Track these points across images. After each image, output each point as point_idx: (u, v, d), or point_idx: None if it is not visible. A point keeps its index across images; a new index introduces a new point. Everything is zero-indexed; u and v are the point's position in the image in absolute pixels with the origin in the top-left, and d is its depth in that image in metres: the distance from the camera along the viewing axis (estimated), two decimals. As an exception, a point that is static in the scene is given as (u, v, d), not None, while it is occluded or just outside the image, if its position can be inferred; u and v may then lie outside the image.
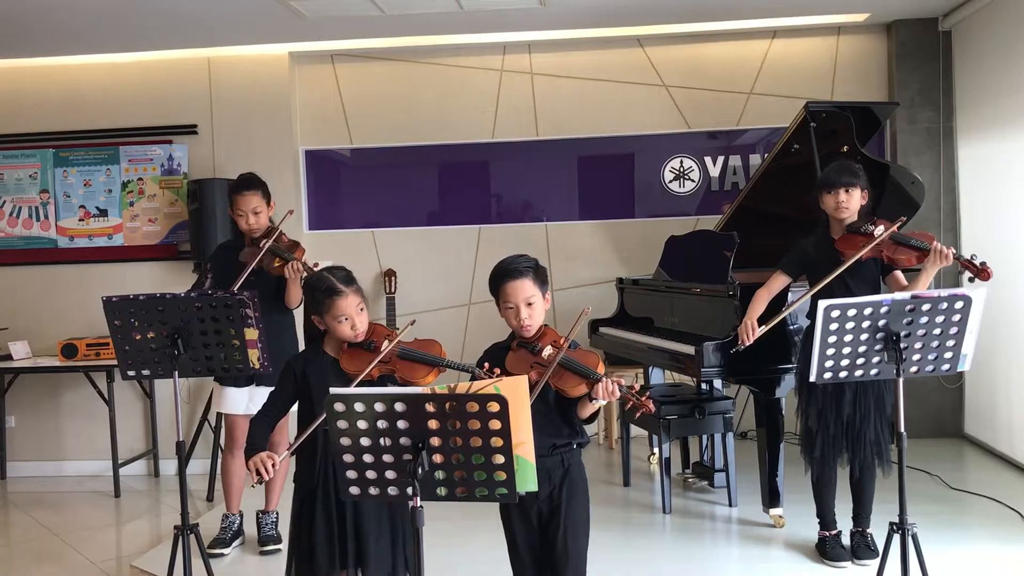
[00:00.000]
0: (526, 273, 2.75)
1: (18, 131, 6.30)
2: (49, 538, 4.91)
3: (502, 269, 2.78)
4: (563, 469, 2.78)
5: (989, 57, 5.43)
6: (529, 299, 2.74)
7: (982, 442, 5.69)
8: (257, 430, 2.91)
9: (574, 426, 2.80)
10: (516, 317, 2.75)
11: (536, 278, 2.77)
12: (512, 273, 2.75)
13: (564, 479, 2.77)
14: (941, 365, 3.01)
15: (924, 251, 3.58)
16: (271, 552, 4.27)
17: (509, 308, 2.76)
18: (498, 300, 2.80)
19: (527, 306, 2.74)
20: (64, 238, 6.29)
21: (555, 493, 2.77)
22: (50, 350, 6.10)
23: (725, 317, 4.33)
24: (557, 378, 2.67)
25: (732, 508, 4.64)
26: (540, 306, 2.77)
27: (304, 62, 6.36)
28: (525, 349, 2.75)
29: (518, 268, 2.76)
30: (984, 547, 4.03)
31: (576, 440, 2.81)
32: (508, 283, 2.75)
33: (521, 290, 2.74)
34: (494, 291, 2.80)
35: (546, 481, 2.74)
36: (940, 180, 5.93)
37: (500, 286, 2.77)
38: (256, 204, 4.16)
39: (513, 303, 2.74)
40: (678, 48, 6.22)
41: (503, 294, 2.76)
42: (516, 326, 2.77)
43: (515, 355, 2.76)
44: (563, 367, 2.67)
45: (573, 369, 2.67)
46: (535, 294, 2.75)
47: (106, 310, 3.27)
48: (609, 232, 6.31)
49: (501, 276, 2.77)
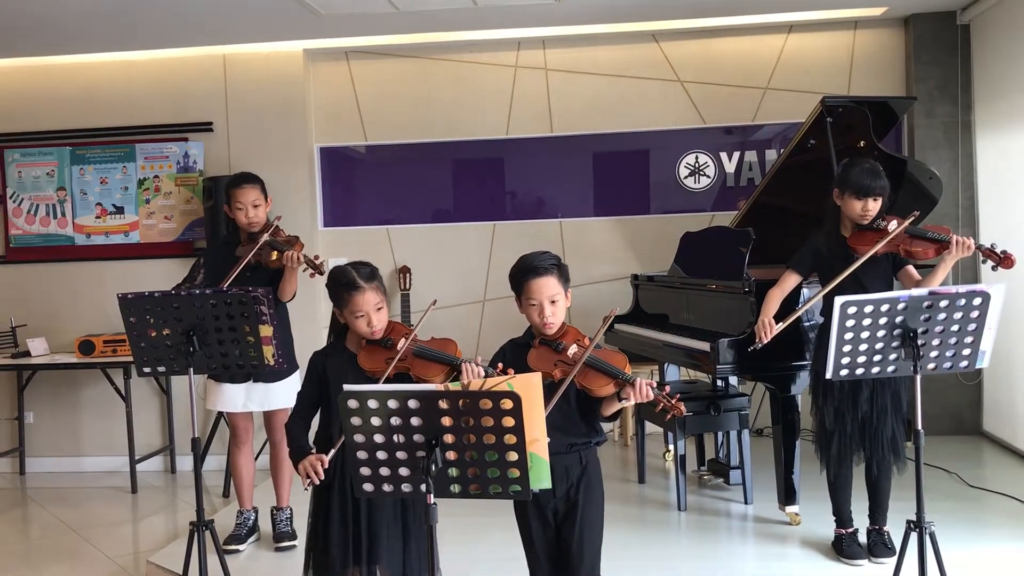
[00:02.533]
0: (550, 271, 2.73)
1: (35, 129, 6.34)
2: (67, 533, 4.95)
3: (525, 266, 2.76)
4: (581, 467, 2.77)
5: (1008, 51, 5.37)
6: (553, 297, 2.72)
7: (1001, 439, 5.64)
8: (297, 432, 2.90)
9: (593, 425, 2.79)
10: (539, 315, 2.73)
11: (560, 276, 2.75)
12: (536, 271, 2.73)
13: (582, 477, 2.77)
14: (959, 362, 2.98)
15: (942, 243, 3.54)
16: (286, 548, 4.28)
17: (532, 305, 2.74)
18: (520, 297, 2.78)
19: (551, 304, 2.72)
20: (81, 235, 6.32)
21: (572, 491, 2.76)
22: (68, 347, 6.14)
23: (741, 313, 4.31)
24: (583, 377, 2.66)
25: (748, 506, 4.62)
26: (563, 304, 2.75)
27: (319, 59, 6.37)
28: (548, 347, 2.73)
29: (542, 265, 2.73)
30: (1003, 545, 4.00)
31: (594, 438, 2.80)
32: (532, 280, 2.73)
33: (545, 288, 2.72)
34: (516, 288, 2.78)
35: (564, 479, 2.74)
36: (958, 175, 5.88)
37: (523, 283, 2.75)
38: (255, 197, 4.18)
39: (536, 301, 2.72)
40: (693, 43, 6.19)
41: (526, 291, 2.74)
42: (539, 324, 2.75)
43: (537, 352, 2.74)
44: (590, 366, 2.66)
45: (601, 369, 2.65)
46: (558, 292, 2.73)
47: (122, 307, 3.29)
48: (624, 228, 6.29)
49: (524, 273, 2.75)
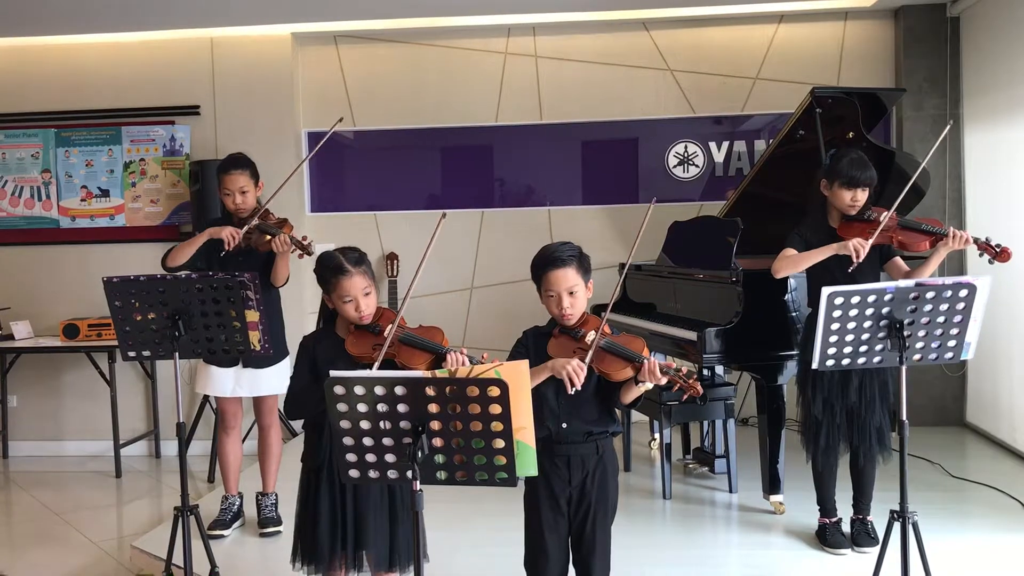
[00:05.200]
0: (569, 262, 2.73)
1: (20, 110, 6.28)
2: (50, 517, 4.93)
3: (545, 257, 2.76)
4: (597, 456, 2.78)
5: (998, 44, 5.38)
6: (571, 288, 2.72)
7: (983, 431, 5.68)
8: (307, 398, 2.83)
9: (611, 414, 2.79)
10: (558, 306, 2.73)
11: (579, 267, 2.74)
12: (555, 262, 2.73)
13: (597, 467, 2.77)
14: (944, 353, 3.00)
15: (937, 236, 3.57)
16: (271, 534, 4.26)
17: (550, 296, 2.74)
18: (539, 287, 2.78)
19: (569, 295, 2.72)
20: (66, 218, 6.27)
21: (588, 480, 2.77)
22: (52, 330, 6.11)
23: (728, 303, 4.32)
24: (601, 362, 2.65)
25: (732, 494, 4.64)
26: (582, 295, 2.75)
27: (307, 43, 6.32)
28: (568, 335, 2.73)
29: (561, 257, 2.73)
30: (984, 535, 4.03)
31: (611, 428, 2.80)
32: (551, 271, 2.72)
33: (564, 279, 2.71)
34: (536, 278, 2.78)
35: (580, 468, 2.75)
36: (946, 167, 5.90)
37: (542, 274, 2.75)
38: (243, 184, 4.08)
39: (555, 292, 2.72)
40: (684, 32, 6.18)
41: (545, 282, 2.74)
42: (557, 315, 2.75)
43: (557, 341, 2.74)
44: (607, 350, 2.65)
45: (617, 352, 2.64)
46: (577, 283, 2.73)
47: (107, 291, 3.26)
48: (612, 217, 6.29)
49: (544, 264, 2.75)
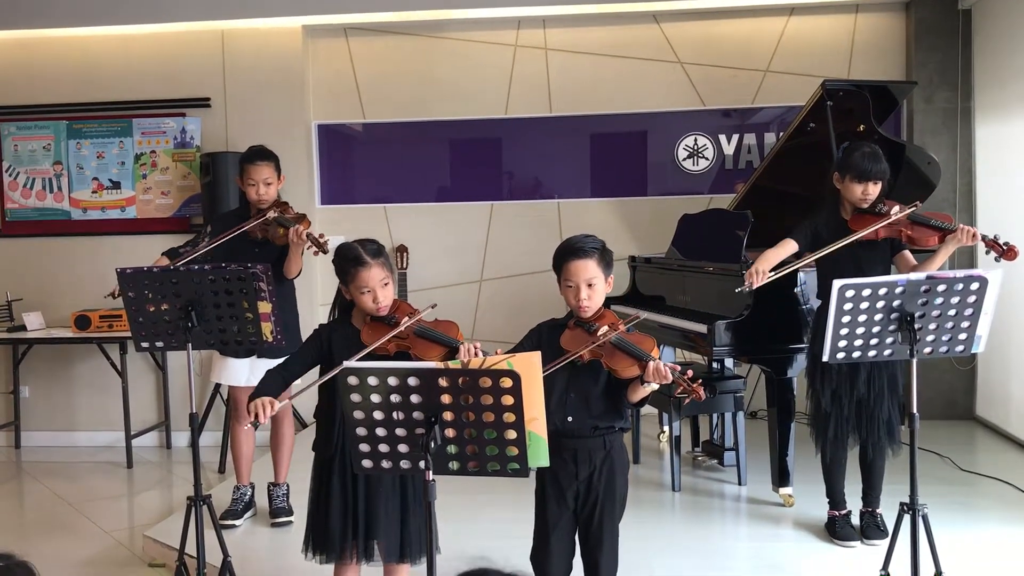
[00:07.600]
0: (591, 254, 2.73)
1: (32, 102, 6.30)
2: (63, 507, 4.97)
3: (567, 247, 2.76)
4: (605, 451, 2.78)
5: (1010, 37, 5.36)
6: (591, 280, 2.72)
7: (994, 424, 5.67)
8: (270, 380, 2.88)
9: (620, 410, 2.79)
10: (575, 297, 2.73)
11: (601, 260, 2.75)
12: (577, 252, 2.73)
13: (605, 461, 2.78)
14: (955, 346, 3.00)
15: (945, 231, 3.57)
16: (282, 524, 4.29)
17: (569, 287, 2.75)
18: (559, 277, 2.79)
19: (587, 287, 2.72)
20: (77, 210, 6.30)
21: (595, 475, 2.77)
22: (63, 321, 6.14)
23: (737, 296, 4.31)
24: (610, 358, 2.66)
25: (741, 487, 4.65)
26: (601, 288, 2.75)
27: (318, 36, 6.33)
28: (582, 328, 2.74)
29: (583, 248, 2.73)
30: (994, 529, 4.03)
31: (618, 423, 2.81)
32: (572, 262, 2.73)
33: (584, 270, 2.72)
34: (556, 268, 2.79)
35: (587, 462, 2.76)
36: (957, 161, 5.88)
37: (563, 264, 2.76)
38: (268, 175, 4.15)
39: (574, 282, 2.73)
40: (694, 24, 6.16)
41: (565, 272, 2.75)
42: (575, 306, 2.75)
43: (571, 333, 2.75)
44: (617, 347, 2.66)
45: (626, 350, 2.65)
46: (597, 276, 2.73)
47: (120, 282, 3.27)
48: (621, 210, 6.28)
49: (565, 254, 2.75)
